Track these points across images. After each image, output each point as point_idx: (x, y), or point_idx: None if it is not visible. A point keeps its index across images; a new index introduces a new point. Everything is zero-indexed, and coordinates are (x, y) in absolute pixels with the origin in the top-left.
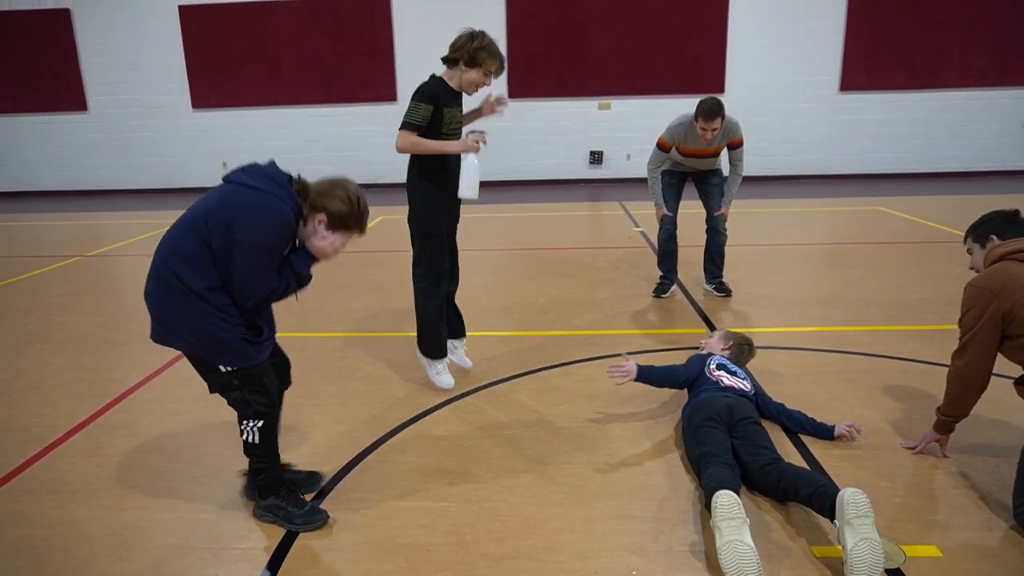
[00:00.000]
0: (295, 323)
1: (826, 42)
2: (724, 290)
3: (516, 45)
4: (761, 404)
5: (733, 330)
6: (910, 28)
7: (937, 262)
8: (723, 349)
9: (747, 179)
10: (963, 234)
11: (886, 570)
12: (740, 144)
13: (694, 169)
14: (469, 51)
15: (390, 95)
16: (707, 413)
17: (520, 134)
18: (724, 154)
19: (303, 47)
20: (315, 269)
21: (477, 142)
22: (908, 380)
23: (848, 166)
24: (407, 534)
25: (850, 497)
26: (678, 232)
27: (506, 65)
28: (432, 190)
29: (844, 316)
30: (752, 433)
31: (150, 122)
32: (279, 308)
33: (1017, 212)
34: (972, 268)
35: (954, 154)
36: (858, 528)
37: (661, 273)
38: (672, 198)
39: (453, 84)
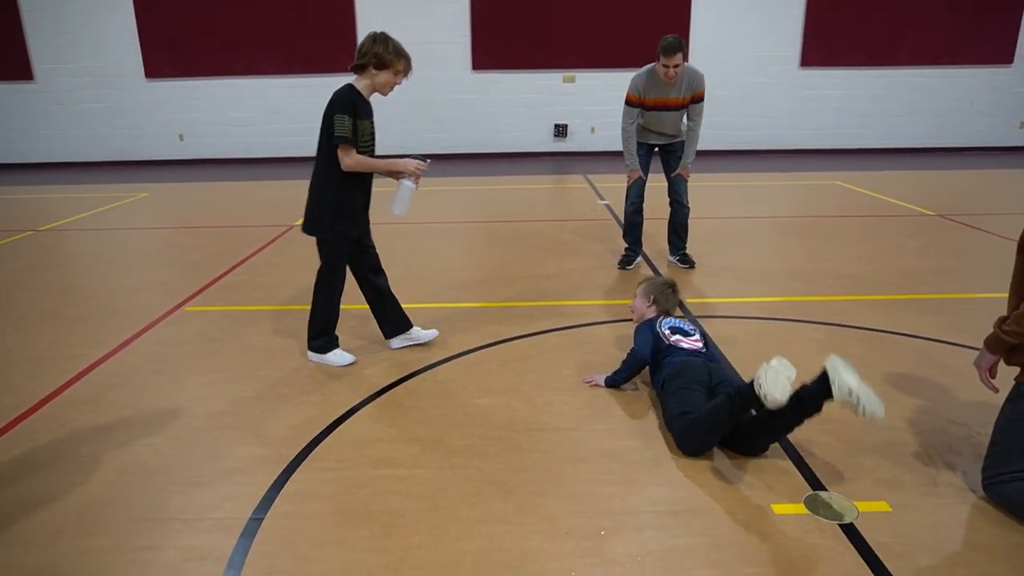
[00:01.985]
0: (262, 296)
1: (787, 18)
2: (688, 262)
3: (482, 16)
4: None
5: (647, 281)
6: (868, 6)
7: (892, 236)
8: (649, 306)
9: (712, 153)
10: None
11: (839, 525)
12: (702, 98)
13: (660, 133)
14: (375, 54)
15: None
16: (689, 376)
17: (485, 106)
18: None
19: (261, 15)
20: (279, 246)
21: (419, 169)
22: (863, 347)
23: (809, 141)
24: (381, 501)
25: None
26: (644, 205)
27: (412, 62)
28: (352, 195)
29: (803, 287)
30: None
31: (103, 92)
32: (247, 283)
33: None
34: None
35: (909, 130)
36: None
37: (626, 245)
38: (642, 171)
39: (365, 92)
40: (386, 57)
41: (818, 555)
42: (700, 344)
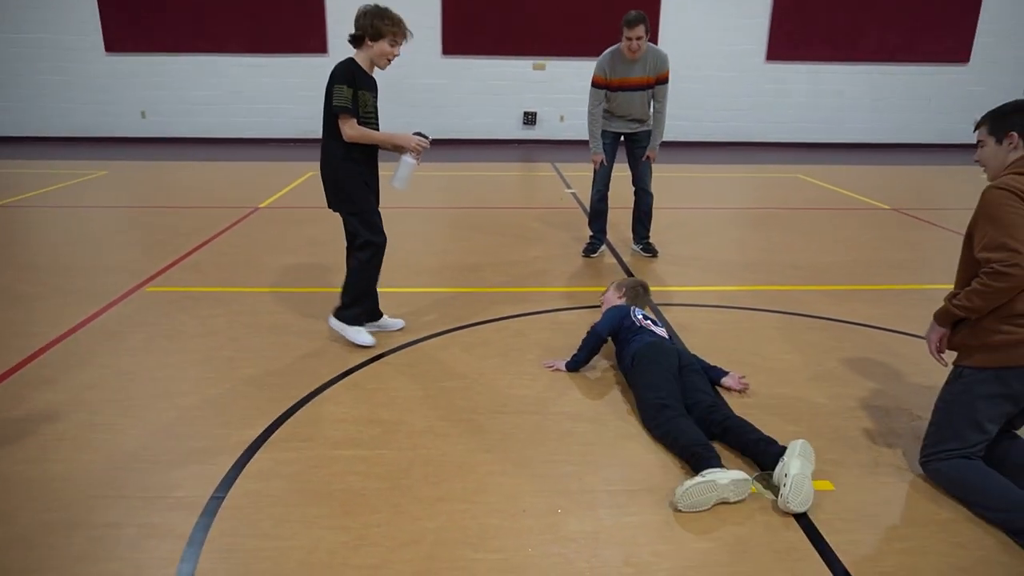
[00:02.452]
0: (225, 277)
1: (754, 12)
2: (651, 251)
3: (452, 2)
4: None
5: (620, 279)
6: (832, 2)
7: (850, 228)
8: (620, 298)
9: (679, 145)
10: (976, 124)
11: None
12: (667, 80)
13: (627, 118)
14: (370, 26)
15: (320, 47)
16: (659, 357)
17: (455, 92)
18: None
19: None
20: (243, 228)
21: (420, 146)
22: (817, 335)
23: (773, 134)
24: (342, 480)
25: (805, 443)
26: (609, 194)
27: (409, 33)
28: (362, 169)
29: (761, 276)
30: (696, 380)
31: (62, 64)
32: (209, 264)
33: None
34: (978, 161)
35: (870, 126)
36: (806, 465)
37: (591, 233)
38: (608, 159)
39: (365, 65)
40: (380, 27)
41: (765, 531)
42: (665, 336)
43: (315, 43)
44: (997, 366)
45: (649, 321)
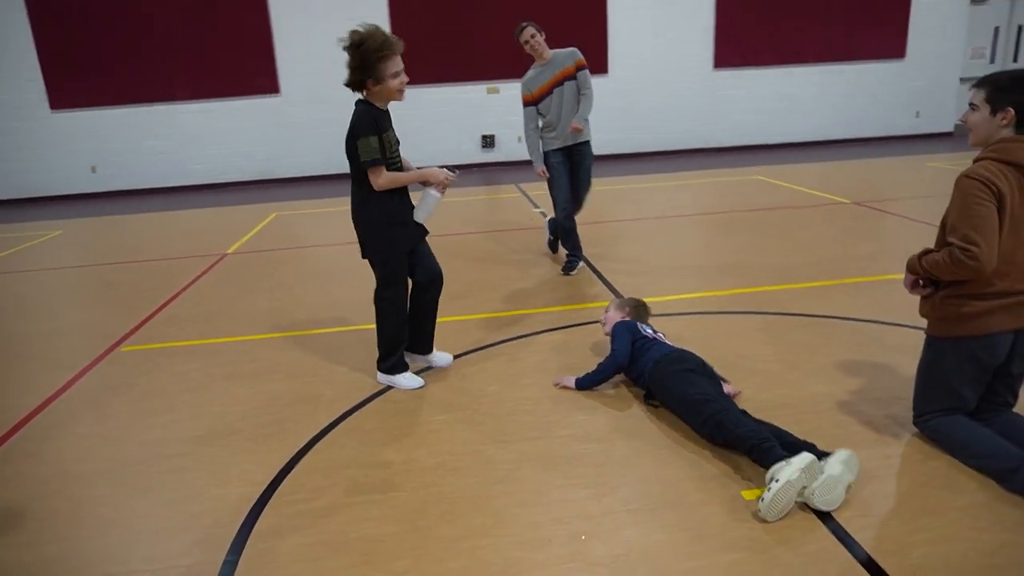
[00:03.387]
0: (202, 329)
1: (699, 23)
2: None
3: (401, 30)
4: None
5: (620, 299)
6: (772, 7)
7: (816, 225)
8: (623, 317)
9: (635, 156)
10: (973, 86)
11: (806, 504)
12: (585, 66)
13: (564, 124)
14: (363, 68)
15: (272, 87)
16: (685, 363)
17: (410, 120)
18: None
19: (170, 38)
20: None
21: (448, 179)
22: (804, 333)
23: (724, 139)
24: (358, 528)
25: (851, 457)
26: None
27: (400, 43)
28: (393, 207)
29: (737, 280)
30: (712, 380)
31: (5, 124)
32: (182, 317)
33: None
34: (963, 121)
35: (818, 124)
36: (847, 472)
37: (567, 252)
38: (563, 176)
39: (378, 103)
40: (376, 68)
41: (792, 534)
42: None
43: (266, 83)
44: (958, 335)
45: (660, 334)
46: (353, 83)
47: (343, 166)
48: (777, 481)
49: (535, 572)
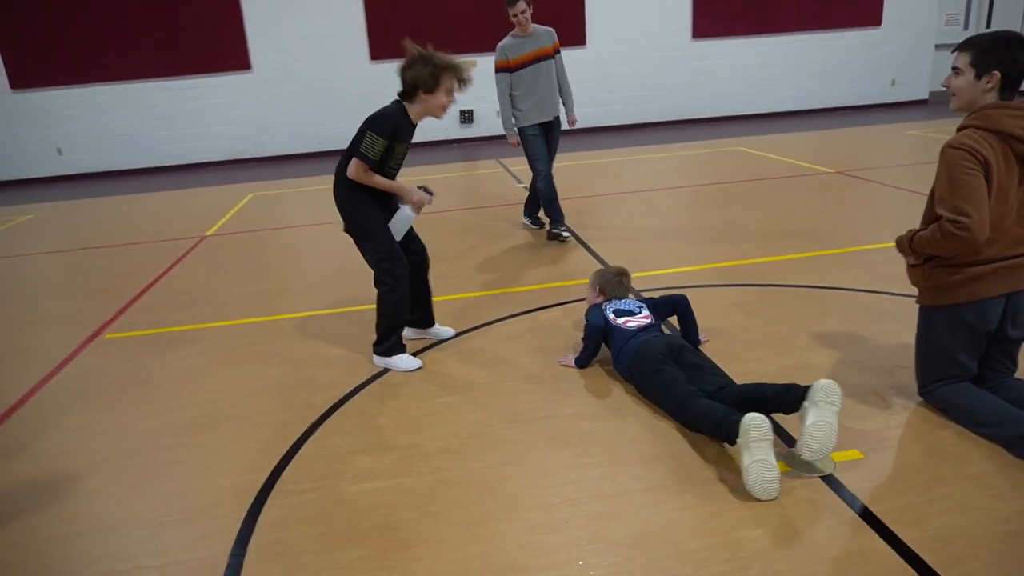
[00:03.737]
0: (187, 314)
1: None
2: (539, 223)
3: (375, 6)
4: (661, 311)
5: (597, 272)
6: None
7: (802, 194)
8: (597, 296)
9: (615, 128)
10: (955, 49)
11: (820, 478)
12: (560, 50)
13: (541, 102)
14: (424, 78)
15: (243, 64)
16: (651, 357)
17: (386, 98)
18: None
19: (138, 14)
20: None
21: (423, 202)
22: (798, 304)
23: (704, 110)
24: (369, 517)
25: (826, 384)
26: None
27: (466, 71)
28: (374, 195)
29: (729, 251)
30: (696, 362)
31: None
32: (165, 303)
33: None
34: (948, 87)
35: (796, 93)
36: (823, 410)
37: (552, 219)
38: (542, 147)
39: (415, 116)
40: (434, 80)
41: (810, 510)
42: (648, 319)
43: (237, 61)
44: (949, 303)
45: (624, 317)
46: (407, 92)
47: (319, 144)
48: (744, 470)
49: (555, 554)
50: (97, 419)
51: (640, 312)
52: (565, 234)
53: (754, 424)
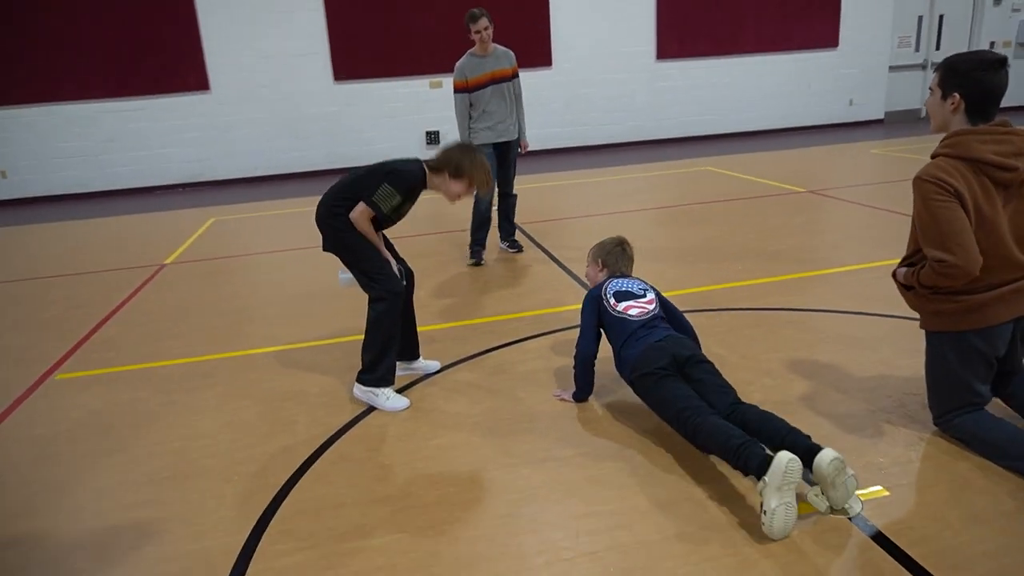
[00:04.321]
0: (148, 351)
1: (641, 13)
2: (517, 246)
3: (338, 26)
4: (666, 313)
5: (596, 245)
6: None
7: (778, 215)
8: (600, 270)
9: (580, 149)
10: (936, 66)
11: (849, 518)
12: (518, 74)
13: (498, 123)
14: (457, 164)
15: (201, 84)
16: (652, 370)
17: (350, 118)
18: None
19: (88, 32)
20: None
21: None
22: (792, 330)
23: (668, 131)
24: None
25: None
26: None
27: (478, 178)
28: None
29: (718, 275)
30: (704, 375)
31: None
32: (124, 337)
33: (1001, 63)
34: (926, 107)
35: (755, 114)
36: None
37: (474, 242)
38: (493, 169)
39: (430, 184)
40: (467, 170)
41: (840, 555)
42: (652, 306)
43: (195, 80)
44: (955, 330)
45: (627, 301)
46: (436, 167)
47: (282, 167)
48: (765, 511)
49: None
50: (52, 473)
51: (644, 295)
52: (482, 263)
53: (791, 467)
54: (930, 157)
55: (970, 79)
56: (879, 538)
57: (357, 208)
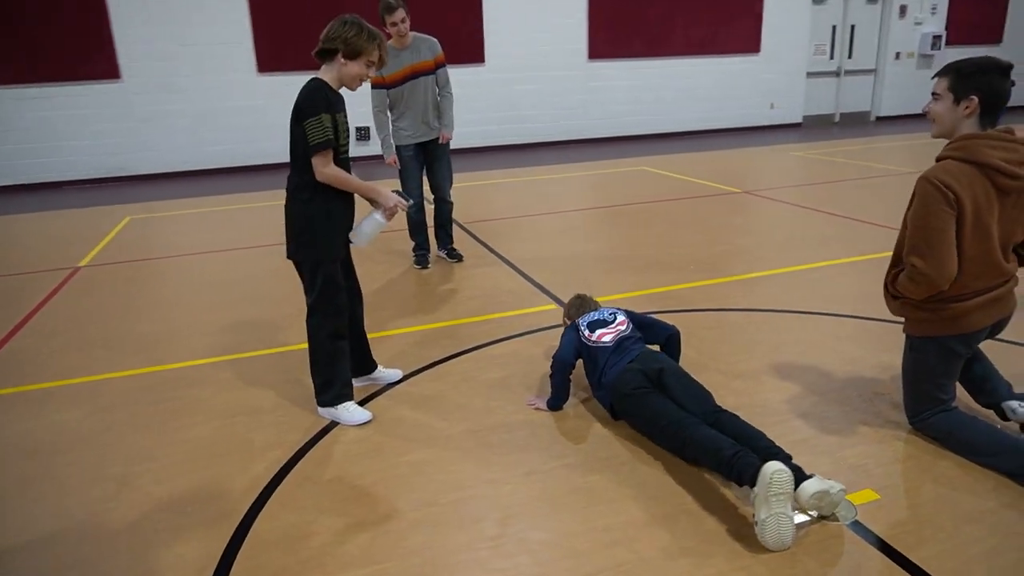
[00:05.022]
0: (68, 365)
1: (572, 12)
2: (455, 256)
3: (263, 14)
4: (647, 335)
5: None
6: (641, 0)
7: (720, 215)
8: (568, 320)
9: (516, 147)
10: (936, 75)
11: (846, 525)
12: (444, 63)
13: (419, 120)
14: (346, 40)
15: (111, 72)
16: (629, 391)
17: (275, 113)
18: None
19: None
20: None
21: (399, 207)
22: (759, 330)
23: (602, 130)
24: None
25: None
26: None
27: (387, 50)
28: (337, 207)
29: (670, 276)
30: (675, 384)
31: None
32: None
33: (1009, 70)
34: (926, 112)
35: (686, 116)
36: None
37: (415, 243)
38: (415, 170)
39: (333, 83)
40: (358, 44)
41: (843, 561)
42: (624, 326)
43: (104, 68)
44: (938, 335)
45: (600, 330)
46: (324, 52)
47: (202, 162)
48: (756, 522)
49: None
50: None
51: (615, 320)
52: (429, 267)
53: (777, 478)
54: (936, 159)
55: (986, 82)
56: (879, 544)
57: (314, 165)
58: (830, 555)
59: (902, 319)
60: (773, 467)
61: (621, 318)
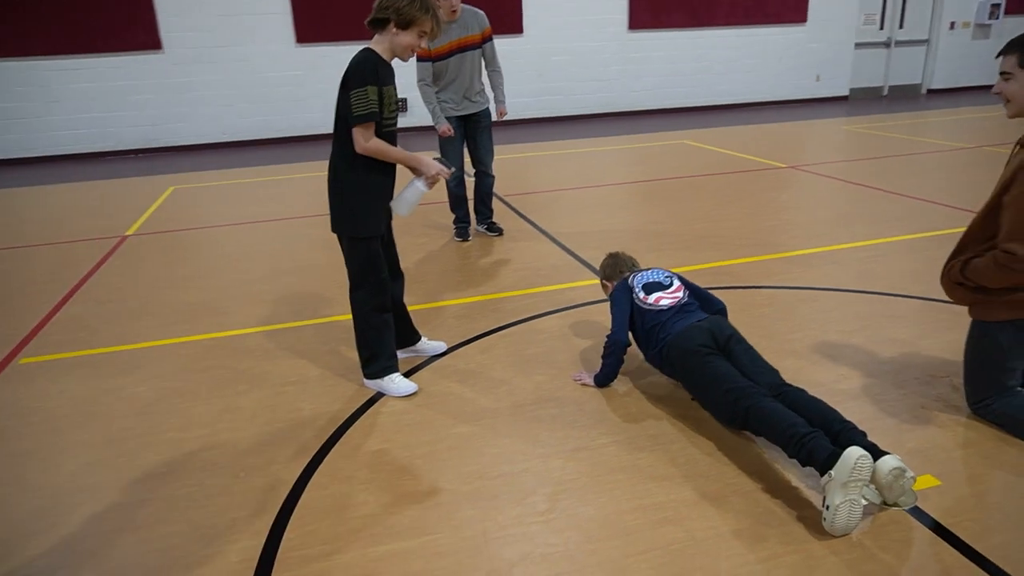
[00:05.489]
0: (121, 331)
1: None
2: (495, 230)
3: None
4: (695, 298)
5: (603, 264)
6: None
7: (765, 191)
8: (613, 283)
9: (554, 120)
10: (1000, 52)
11: (907, 511)
12: (492, 37)
13: (463, 94)
14: (398, 9)
15: (153, 43)
16: (695, 347)
17: (313, 84)
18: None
19: None
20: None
21: (441, 174)
22: (807, 308)
23: (641, 102)
24: None
25: (859, 460)
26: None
27: (441, 26)
28: (376, 180)
29: (720, 252)
30: (743, 353)
31: None
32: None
33: None
34: (1000, 94)
35: (729, 87)
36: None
37: (456, 217)
38: (457, 143)
39: (385, 54)
40: (411, 13)
41: (907, 551)
42: (681, 292)
43: (145, 38)
44: (1016, 318)
45: (656, 293)
46: (376, 22)
47: (240, 134)
48: (827, 507)
49: None
50: (29, 471)
51: (671, 284)
52: (469, 239)
53: (861, 463)
54: (1018, 143)
55: None
56: (940, 530)
57: (355, 137)
58: (889, 540)
59: (966, 305)
60: (857, 453)
61: (678, 283)
